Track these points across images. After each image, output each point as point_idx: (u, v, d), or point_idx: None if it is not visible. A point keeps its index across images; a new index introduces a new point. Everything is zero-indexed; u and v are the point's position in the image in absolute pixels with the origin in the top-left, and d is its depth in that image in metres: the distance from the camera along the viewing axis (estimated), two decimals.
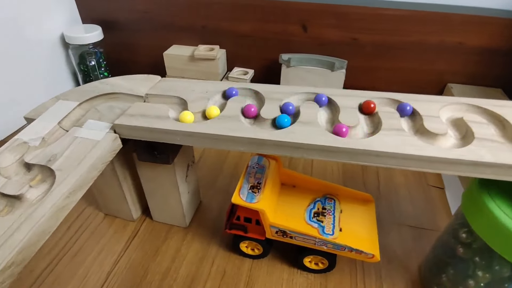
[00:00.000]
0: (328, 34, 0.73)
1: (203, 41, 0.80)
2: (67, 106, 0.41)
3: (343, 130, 0.32)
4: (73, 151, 0.34)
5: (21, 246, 0.26)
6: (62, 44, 0.81)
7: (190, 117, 0.35)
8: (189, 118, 0.35)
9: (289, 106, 0.36)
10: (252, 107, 0.36)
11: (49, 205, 0.29)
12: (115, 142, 0.36)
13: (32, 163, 0.33)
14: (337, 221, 0.43)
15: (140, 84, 0.44)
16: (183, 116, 0.35)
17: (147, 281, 0.44)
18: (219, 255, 0.48)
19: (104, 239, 0.50)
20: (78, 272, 0.45)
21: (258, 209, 0.39)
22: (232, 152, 0.67)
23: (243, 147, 0.34)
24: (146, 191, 0.48)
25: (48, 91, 0.80)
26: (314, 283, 0.44)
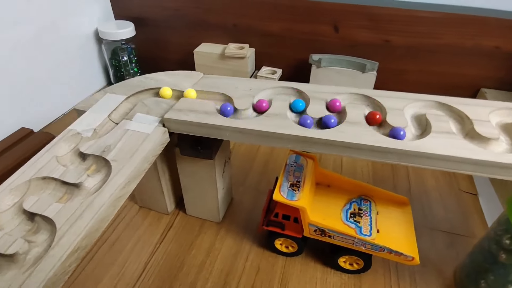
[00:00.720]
0: (360, 35, 0.72)
1: (232, 39, 0.81)
2: (115, 99, 0.42)
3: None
4: (125, 143, 0.35)
5: (85, 232, 0.27)
6: (95, 39, 0.83)
7: (169, 92, 0.41)
8: (168, 93, 0.41)
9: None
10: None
11: (107, 195, 0.30)
12: (164, 136, 0.37)
13: (87, 153, 0.34)
14: (374, 222, 0.43)
15: (183, 80, 0.45)
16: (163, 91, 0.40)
17: (183, 273, 0.45)
18: (252, 251, 0.48)
19: (139, 231, 0.51)
20: (117, 261, 0.47)
21: (299, 206, 0.40)
22: (262, 150, 0.67)
23: (291, 144, 0.34)
24: (184, 185, 0.49)
25: (81, 84, 0.82)
26: (348, 283, 0.45)
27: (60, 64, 0.75)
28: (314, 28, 0.74)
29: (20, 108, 0.67)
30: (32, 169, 0.32)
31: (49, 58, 0.71)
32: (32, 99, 0.69)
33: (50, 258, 0.25)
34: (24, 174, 0.32)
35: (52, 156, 0.34)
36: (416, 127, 0.36)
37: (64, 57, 0.76)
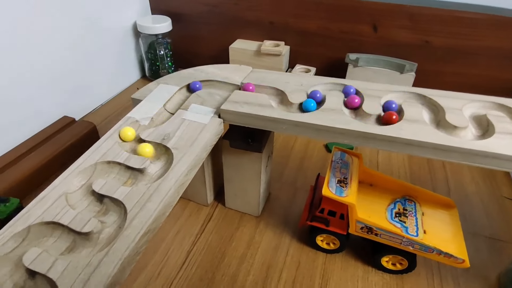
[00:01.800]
0: (399, 35, 0.72)
1: (268, 37, 0.82)
2: (168, 90, 0.43)
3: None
4: (184, 132, 0.36)
5: (154, 216, 0.28)
6: (133, 33, 0.85)
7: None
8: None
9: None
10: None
11: (173, 181, 0.31)
12: (220, 127, 0.38)
13: (148, 140, 0.35)
14: (420, 223, 0.43)
15: (233, 73, 0.45)
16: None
17: (225, 263, 0.46)
18: (292, 246, 0.48)
19: (180, 221, 0.52)
20: (160, 249, 0.48)
21: (348, 203, 0.40)
22: (296, 147, 0.68)
23: (349, 139, 0.34)
24: (227, 177, 0.49)
25: (118, 76, 0.84)
26: (390, 283, 0.44)
27: (100, 56, 0.77)
28: (352, 27, 0.74)
29: (62, 97, 0.69)
30: (97, 153, 0.33)
31: (90, 50, 0.73)
32: (73, 90, 0.72)
33: (125, 239, 0.26)
34: (89, 158, 0.33)
35: (114, 142, 0.35)
36: (476, 127, 0.35)
37: (104, 50, 0.78)
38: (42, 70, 0.64)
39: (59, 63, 0.67)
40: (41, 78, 0.64)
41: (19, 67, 0.59)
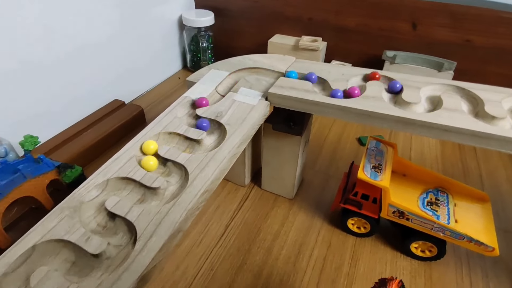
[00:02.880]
0: (439, 33, 0.72)
1: (305, 32, 0.84)
2: (219, 74, 0.47)
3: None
4: (235, 111, 0.40)
5: (212, 178, 0.32)
6: (178, 26, 0.91)
7: (153, 163, 0.34)
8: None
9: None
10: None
11: (226, 151, 0.35)
12: (266, 108, 0.41)
13: (203, 116, 0.39)
14: (452, 212, 0.44)
15: (278, 62, 0.49)
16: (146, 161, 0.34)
17: (260, 238, 0.50)
18: (324, 228, 0.51)
19: (219, 198, 0.56)
20: (201, 220, 0.52)
21: (382, 186, 0.42)
22: (330, 138, 0.70)
23: (387, 124, 0.37)
24: (265, 160, 0.53)
25: (162, 65, 0.90)
26: (417, 269, 0.46)
27: (147, 46, 0.83)
28: (391, 24, 0.75)
29: (113, 83, 0.76)
30: (159, 126, 0.38)
31: (139, 41, 0.79)
32: (123, 76, 0.78)
33: (187, 195, 0.30)
34: (153, 129, 0.38)
35: (173, 117, 0.39)
36: None
37: (151, 41, 0.84)
38: (97, 58, 0.70)
39: (111, 51, 0.73)
40: (95, 65, 0.70)
41: (77, 56, 0.66)
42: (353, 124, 0.75)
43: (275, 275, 0.45)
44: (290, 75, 0.45)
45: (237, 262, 0.46)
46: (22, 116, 0.59)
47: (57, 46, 0.61)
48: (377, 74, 0.40)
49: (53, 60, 0.61)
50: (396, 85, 0.39)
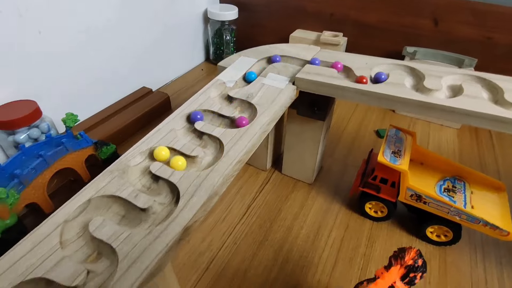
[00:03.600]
0: (460, 30, 0.73)
1: (327, 27, 0.86)
2: (248, 61, 0.50)
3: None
4: (264, 93, 0.43)
5: (244, 151, 0.35)
6: (203, 19, 0.94)
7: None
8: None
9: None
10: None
11: (257, 128, 0.37)
12: (293, 92, 0.44)
13: (235, 97, 0.42)
14: (468, 199, 0.46)
15: (303, 51, 0.51)
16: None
17: (280, 217, 0.52)
18: (341, 212, 0.54)
19: (241, 181, 0.59)
20: (225, 200, 0.55)
21: (401, 169, 0.44)
22: (349, 129, 0.72)
23: (409, 108, 0.39)
24: (287, 145, 0.55)
25: (187, 56, 0.94)
26: (433, 253, 0.48)
27: (174, 38, 0.87)
28: (412, 21, 0.76)
29: (141, 71, 0.80)
30: (195, 104, 0.41)
31: (166, 33, 0.83)
32: (151, 65, 0.82)
33: (223, 163, 0.33)
34: (189, 106, 0.41)
35: (207, 97, 0.42)
36: None
37: (177, 33, 0.87)
38: (128, 48, 0.74)
39: (141, 42, 0.77)
40: (127, 54, 0.74)
41: (112, 45, 0.70)
42: (371, 117, 0.76)
43: (295, 251, 0.47)
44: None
45: (258, 238, 0.49)
46: (62, 98, 0.63)
47: (97, 36, 0.65)
48: (364, 78, 0.42)
49: (92, 48, 0.65)
50: (382, 76, 0.41)
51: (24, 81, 0.56)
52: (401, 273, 0.31)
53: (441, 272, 0.46)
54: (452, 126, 0.74)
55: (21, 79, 0.56)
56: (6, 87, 0.54)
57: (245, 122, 0.38)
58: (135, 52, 0.76)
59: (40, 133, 0.54)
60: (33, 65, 0.56)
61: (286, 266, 0.45)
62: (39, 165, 0.45)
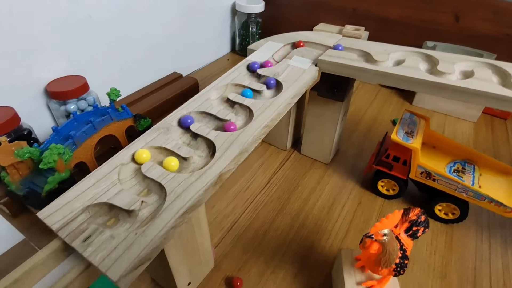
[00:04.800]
0: (480, 26, 0.75)
1: (349, 22, 0.90)
2: (275, 45, 0.54)
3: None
4: (289, 73, 0.47)
5: (271, 117, 0.40)
6: (231, 11, 1.00)
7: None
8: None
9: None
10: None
11: (283, 99, 0.42)
12: (315, 73, 0.48)
13: (263, 74, 0.47)
14: (476, 180, 0.49)
15: (327, 38, 0.55)
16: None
17: (298, 191, 0.57)
18: (355, 189, 0.57)
19: (263, 158, 0.64)
20: (248, 172, 0.60)
21: (413, 147, 0.48)
22: (366, 118, 0.76)
23: (423, 88, 0.42)
24: (307, 125, 0.60)
25: (215, 46, 1.00)
26: (440, 230, 0.51)
27: (203, 29, 0.92)
28: (434, 16, 0.79)
29: (173, 58, 0.86)
30: (227, 79, 0.46)
31: (197, 23, 0.89)
32: (182, 53, 0.88)
33: (253, 126, 0.38)
34: (223, 80, 0.46)
35: (238, 73, 0.48)
36: None
37: (208, 23, 0.93)
38: (160, 35, 0.80)
39: (173, 30, 0.83)
40: (159, 41, 0.81)
41: (146, 32, 0.76)
42: (388, 109, 0.80)
43: (310, 219, 0.52)
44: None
45: (277, 207, 0.54)
46: (105, 77, 0.70)
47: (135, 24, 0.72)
48: (301, 42, 0.46)
49: (131, 36, 0.72)
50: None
51: (75, 59, 0.63)
52: (405, 226, 0.35)
53: (447, 246, 0.49)
54: (468, 119, 0.76)
55: (72, 57, 0.63)
56: (60, 64, 0.61)
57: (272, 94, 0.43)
58: (168, 39, 0.82)
59: (87, 105, 0.60)
60: (83, 46, 0.63)
61: (301, 231, 0.50)
62: (89, 130, 0.51)
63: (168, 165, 0.34)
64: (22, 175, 0.49)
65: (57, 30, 0.58)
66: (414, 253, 0.47)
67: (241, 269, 0.45)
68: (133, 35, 0.73)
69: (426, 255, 0.47)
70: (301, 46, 0.44)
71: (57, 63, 0.60)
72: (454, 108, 0.76)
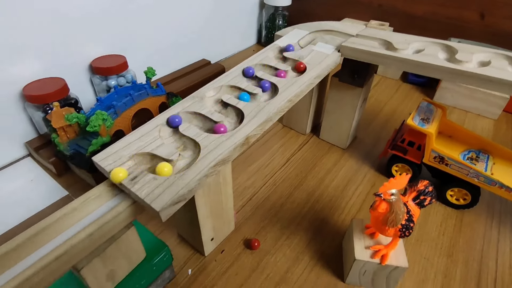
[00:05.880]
0: (506, 24, 0.76)
1: (374, 17, 0.92)
2: (301, 32, 0.58)
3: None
4: (313, 57, 0.51)
5: (295, 92, 0.43)
6: (259, 4, 1.04)
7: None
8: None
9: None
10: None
11: (306, 78, 0.46)
12: (338, 58, 0.52)
13: (289, 57, 0.51)
14: (489, 167, 0.51)
15: (350, 28, 0.59)
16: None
17: (315, 170, 0.60)
18: (370, 173, 0.60)
19: (283, 140, 0.68)
20: (269, 152, 0.64)
21: (428, 132, 0.50)
22: (385, 110, 0.78)
23: (441, 75, 0.45)
24: (327, 110, 0.63)
25: (241, 37, 1.05)
26: (450, 214, 0.53)
27: (233, 20, 0.97)
28: (459, 13, 0.80)
29: (202, 45, 0.91)
30: (255, 59, 0.50)
31: (227, 14, 0.94)
32: (210, 41, 0.93)
33: (277, 99, 0.42)
34: (253, 60, 0.50)
35: (265, 56, 0.52)
36: None
37: (235, 16, 0.98)
38: (192, 23, 0.86)
39: (204, 20, 0.88)
40: (190, 29, 0.86)
41: (184, 22, 0.82)
42: (407, 104, 0.81)
43: (325, 196, 0.55)
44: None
45: (295, 183, 0.57)
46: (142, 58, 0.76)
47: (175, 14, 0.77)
48: (301, 64, 0.48)
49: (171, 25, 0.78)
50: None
51: (117, 41, 0.69)
52: (413, 195, 0.38)
53: (456, 229, 0.51)
54: (489, 116, 0.77)
55: (115, 39, 0.69)
56: (104, 44, 0.67)
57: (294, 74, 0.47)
58: (199, 29, 0.88)
59: (125, 82, 0.66)
60: (125, 29, 0.69)
61: (316, 205, 0.53)
62: (128, 101, 0.57)
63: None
64: (69, 137, 0.55)
65: (104, 14, 0.64)
66: (423, 233, 0.50)
67: (258, 234, 0.49)
68: (170, 22, 0.78)
69: (435, 235, 0.50)
70: (301, 67, 0.47)
71: (101, 43, 0.67)
72: (475, 105, 0.77)
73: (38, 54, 0.57)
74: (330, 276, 0.44)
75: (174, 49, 0.83)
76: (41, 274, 0.26)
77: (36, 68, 0.58)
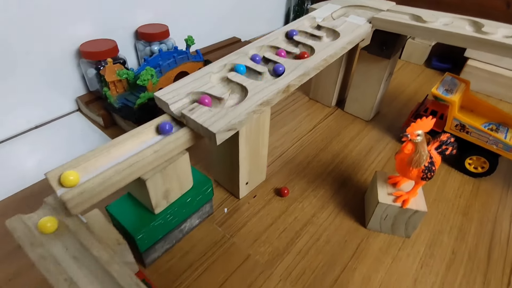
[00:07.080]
0: None
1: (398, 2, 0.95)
2: (333, 6, 0.62)
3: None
4: (345, 26, 0.55)
5: (329, 53, 0.48)
6: None
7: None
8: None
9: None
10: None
11: (339, 43, 0.50)
12: (368, 28, 0.56)
13: (323, 25, 0.55)
14: (508, 137, 0.54)
15: (381, 3, 0.62)
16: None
17: (339, 137, 0.64)
18: (391, 143, 0.64)
19: (310, 110, 0.72)
20: (296, 119, 0.69)
21: (451, 100, 0.53)
22: (408, 90, 0.81)
23: (467, 44, 0.48)
24: (354, 83, 0.67)
25: (269, 20, 1.09)
26: (468, 182, 0.56)
27: (263, 2, 1.02)
28: (486, 1, 0.82)
29: (233, 24, 0.96)
30: (292, 26, 0.55)
31: None
32: (241, 21, 0.98)
33: (314, 59, 0.46)
34: (288, 27, 0.54)
35: (301, 24, 0.56)
36: None
37: None
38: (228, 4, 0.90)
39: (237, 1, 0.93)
40: (224, 8, 0.91)
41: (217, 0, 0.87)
42: (431, 85, 0.84)
43: (349, 158, 0.59)
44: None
45: (320, 146, 0.62)
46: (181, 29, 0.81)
47: None
48: (306, 53, 0.48)
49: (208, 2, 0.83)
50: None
51: (160, 11, 0.75)
52: (436, 145, 0.41)
53: (473, 194, 0.54)
54: (510, 101, 0.79)
55: (159, 10, 0.74)
56: (148, 13, 0.73)
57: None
58: (232, 9, 0.93)
59: (167, 49, 0.72)
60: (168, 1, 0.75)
61: (340, 166, 0.58)
62: (171, 63, 0.62)
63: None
64: (118, 92, 0.61)
65: None
66: (440, 195, 0.53)
67: (287, 185, 0.53)
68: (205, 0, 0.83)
69: (452, 197, 0.53)
70: (305, 57, 0.49)
71: (146, 13, 0.72)
72: (497, 90, 0.80)
73: (92, 17, 0.63)
74: (353, 222, 0.48)
75: (210, 25, 0.88)
76: (120, 175, 0.32)
77: (90, 29, 0.64)
